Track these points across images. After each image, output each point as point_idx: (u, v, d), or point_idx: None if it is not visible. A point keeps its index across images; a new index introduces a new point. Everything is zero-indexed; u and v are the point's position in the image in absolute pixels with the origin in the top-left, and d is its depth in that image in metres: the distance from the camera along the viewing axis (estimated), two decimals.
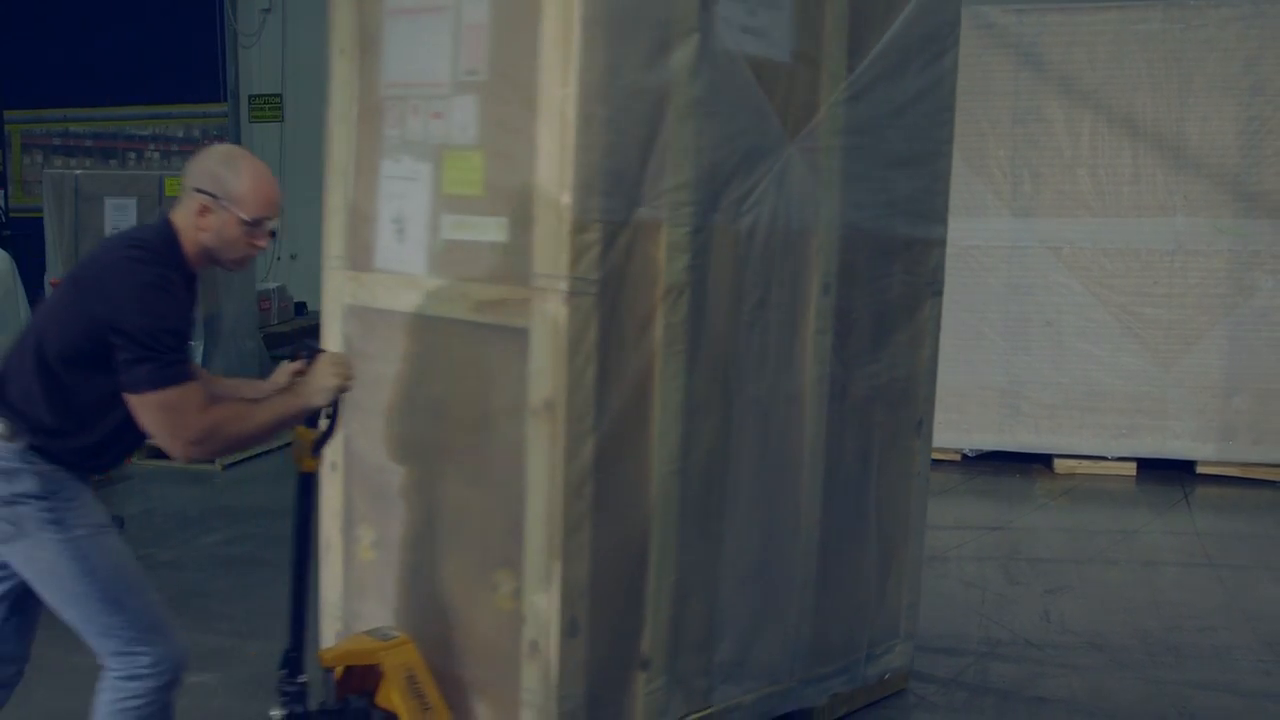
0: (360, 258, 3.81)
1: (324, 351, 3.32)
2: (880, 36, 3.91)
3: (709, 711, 3.70)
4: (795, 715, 4.05)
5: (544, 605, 3.25)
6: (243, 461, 8.03)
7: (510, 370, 3.31)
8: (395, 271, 3.67)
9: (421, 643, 3.53)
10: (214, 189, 3.06)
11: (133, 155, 13.10)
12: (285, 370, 3.30)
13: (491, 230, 3.36)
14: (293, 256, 12.50)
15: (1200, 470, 7.75)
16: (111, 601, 3.06)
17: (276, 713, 3.30)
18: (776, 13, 3.62)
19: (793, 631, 3.96)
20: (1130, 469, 7.80)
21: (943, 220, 4.37)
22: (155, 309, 2.97)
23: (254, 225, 3.10)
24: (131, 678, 3.07)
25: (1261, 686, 4.61)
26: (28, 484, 3.03)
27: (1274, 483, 7.62)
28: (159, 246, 3.07)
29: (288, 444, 3.41)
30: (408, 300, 3.60)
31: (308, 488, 3.39)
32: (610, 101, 3.20)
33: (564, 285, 3.17)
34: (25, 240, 10.93)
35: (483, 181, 3.39)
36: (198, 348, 8.16)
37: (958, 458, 7.86)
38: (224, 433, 3.06)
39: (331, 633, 3.98)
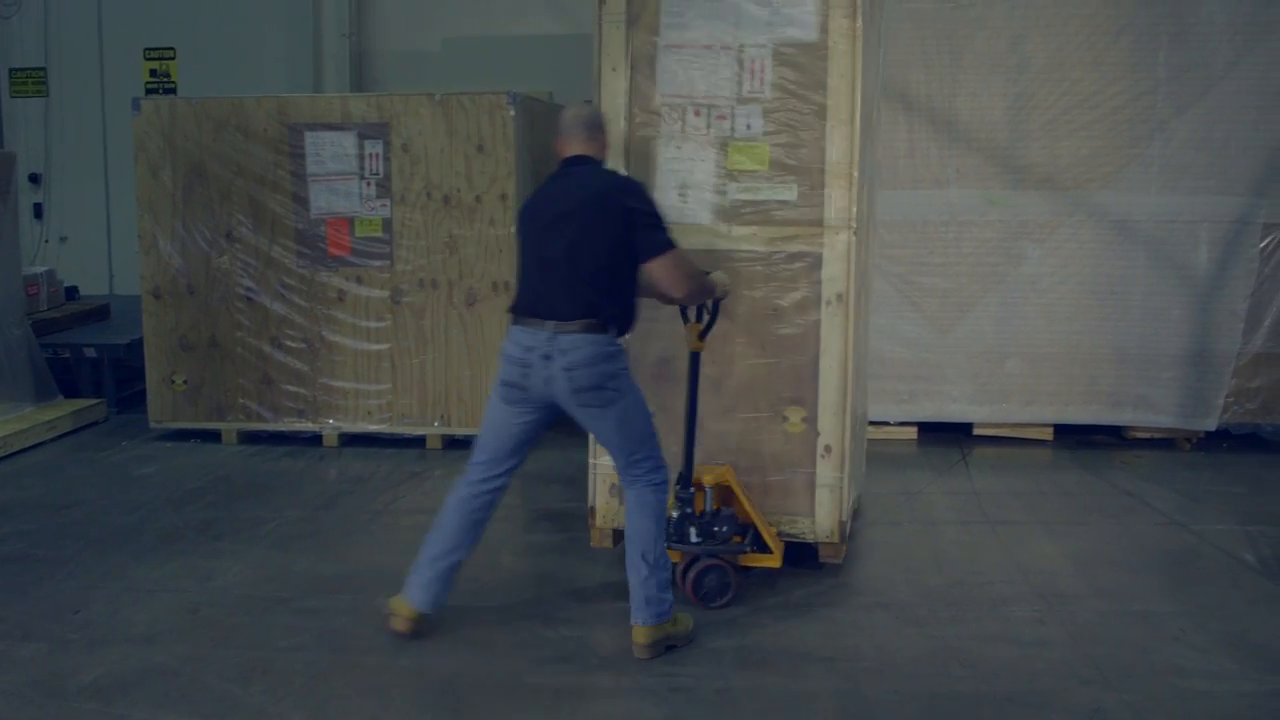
0: None
1: (714, 272, 5.02)
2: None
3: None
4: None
5: (836, 424, 5.38)
6: (12, 456, 7.64)
7: (798, 280, 5.34)
8: (679, 223, 5.17)
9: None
10: (601, 128, 4.71)
11: None
12: None
13: (782, 192, 5.33)
14: (62, 239, 11.95)
15: (977, 432, 8.07)
16: (649, 435, 4.63)
17: (674, 511, 5.01)
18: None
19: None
20: (912, 433, 8.08)
21: None
22: (655, 202, 4.63)
23: None
24: (654, 485, 4.62)
25: (1036, 635, 4.83)
26: (621, 362, 4.53)
27: (1045, 441, 8.00)
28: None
29: (58, 437, 3.35)
30: (694, 241, 5.28)
31: (696, 362, 5.06)
32: (865, 112, 5.34)
33: (852, 224, 5.25)
34: None
35: (768, 161, 5.32)
36: None
37: None
38: (697, 273, 4.74)
39: (605, 487, 5.69)
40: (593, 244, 4.45)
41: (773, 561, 5.27)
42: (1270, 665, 4.54)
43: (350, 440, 8.04)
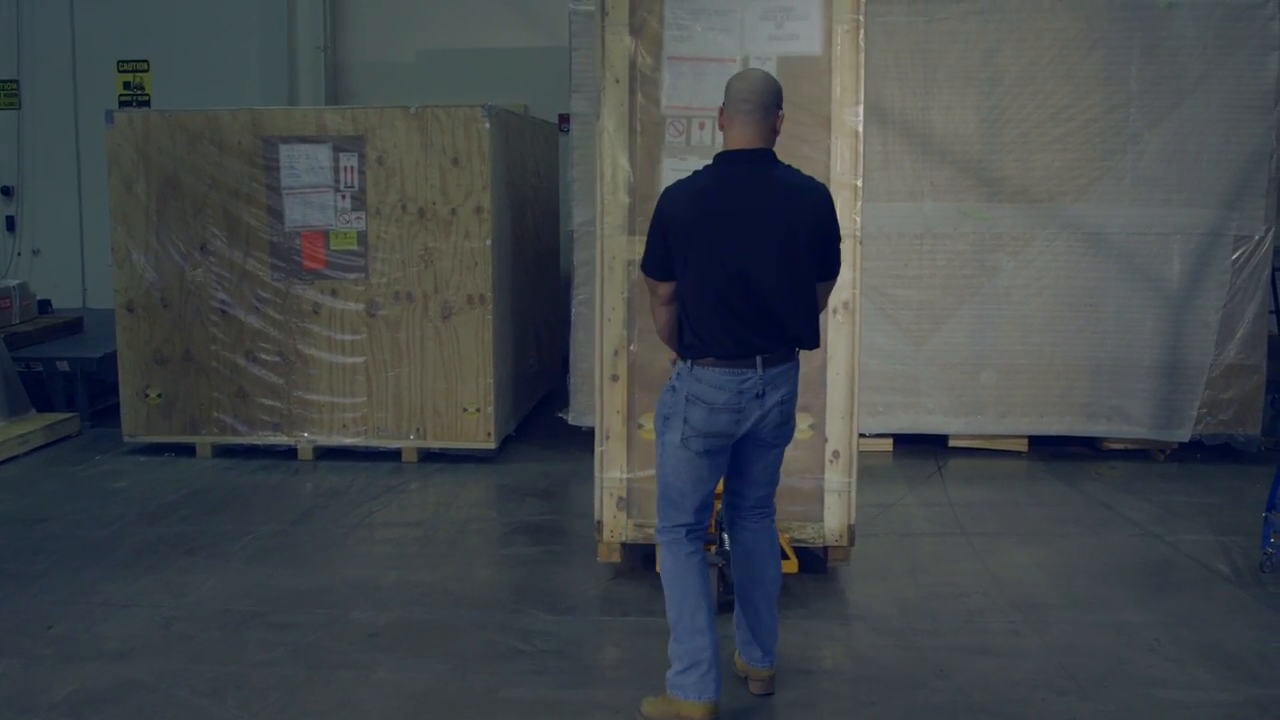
0: (641, 225, 5.22)
1: None
2: None
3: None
4: None
5: (844, 429, 5.50)
6: None
7: None
8: None
9: None
10: (781, 101, 4.09)
11: None
12: None
13: None
14: (35, 252, 11.88)
15: (952, 443, 8.10)
16: None
17: None
18: None
19: None
20: (887, 445, 8.10)
21: None
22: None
23: None
24: (773, 519, 4.41)
25: (1011, 646, 4.85)
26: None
27: (1019, 453, 8.03)
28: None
29: (30, 451, 3.31)
30: None
31: None
32: (866, 122, 5.42)
33: (857, 233, 5.31)
34: None
35: None
36: None
37: None
38: None
39: (612, 501, 5.51)
40: (801, 270, 4.05)
41: (790, 567, 5.29)
42: (1244, 675, 4.57)
43: (325, 453, 8.01)
